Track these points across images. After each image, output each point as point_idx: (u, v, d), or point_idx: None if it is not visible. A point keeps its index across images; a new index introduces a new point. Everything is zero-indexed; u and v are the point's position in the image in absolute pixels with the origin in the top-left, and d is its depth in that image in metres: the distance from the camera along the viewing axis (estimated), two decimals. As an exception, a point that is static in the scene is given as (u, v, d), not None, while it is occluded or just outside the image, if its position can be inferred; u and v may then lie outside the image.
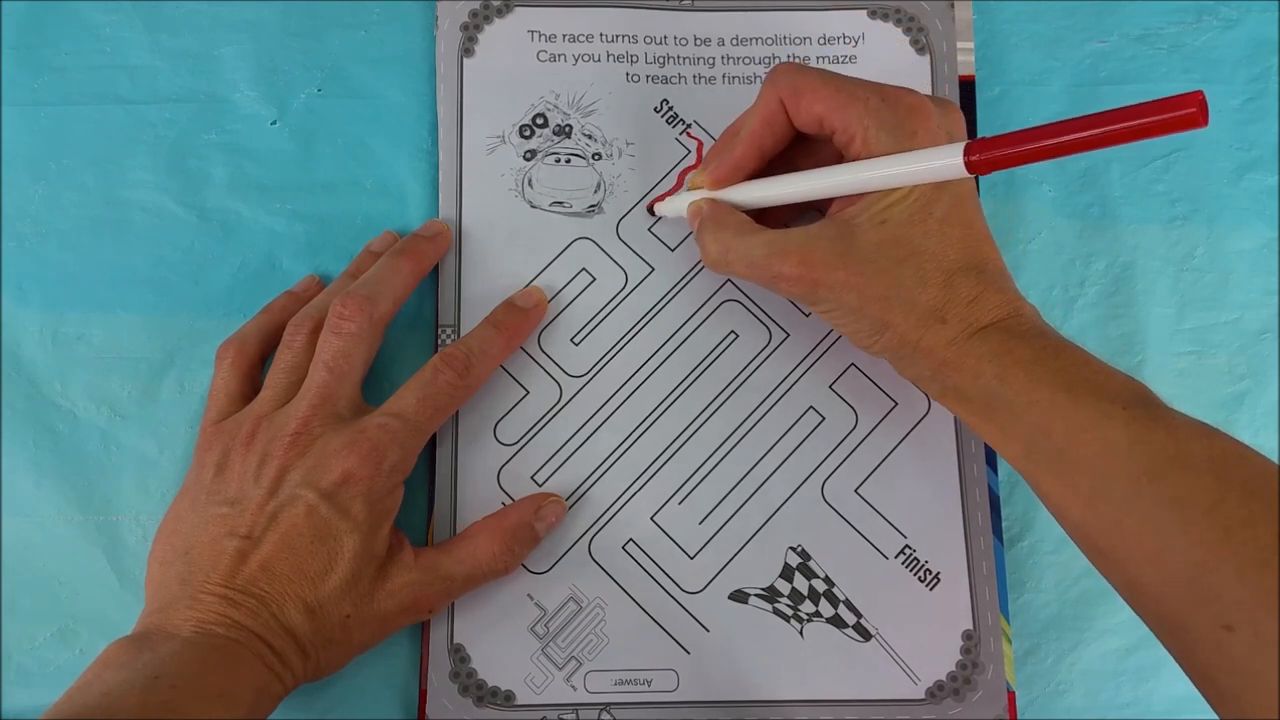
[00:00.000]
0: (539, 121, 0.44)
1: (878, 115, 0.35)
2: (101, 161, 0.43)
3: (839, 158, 0.37)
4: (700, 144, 0.44)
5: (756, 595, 0.41)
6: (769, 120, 0.38)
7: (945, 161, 0.33)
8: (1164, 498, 0.31)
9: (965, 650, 0.41)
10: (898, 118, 0.35)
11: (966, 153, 0.33)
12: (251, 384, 0.40)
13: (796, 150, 0.39)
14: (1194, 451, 0.31)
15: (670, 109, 0.44)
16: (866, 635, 0.41)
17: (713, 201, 0.39)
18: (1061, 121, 0.31)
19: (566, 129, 0.44)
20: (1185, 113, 0.28)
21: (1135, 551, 0.31)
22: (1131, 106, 0.29)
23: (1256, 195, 0.45)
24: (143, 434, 0.42)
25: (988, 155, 0.32)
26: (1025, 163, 0.32)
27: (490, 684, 0.40)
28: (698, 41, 0.45)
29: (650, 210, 0.43)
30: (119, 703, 0.31)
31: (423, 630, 0.40)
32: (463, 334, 0.42)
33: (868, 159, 0.35)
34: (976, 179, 0.37)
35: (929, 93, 0.44)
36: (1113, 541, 0.32)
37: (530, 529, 0.39)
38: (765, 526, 0.41)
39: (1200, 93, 0.28)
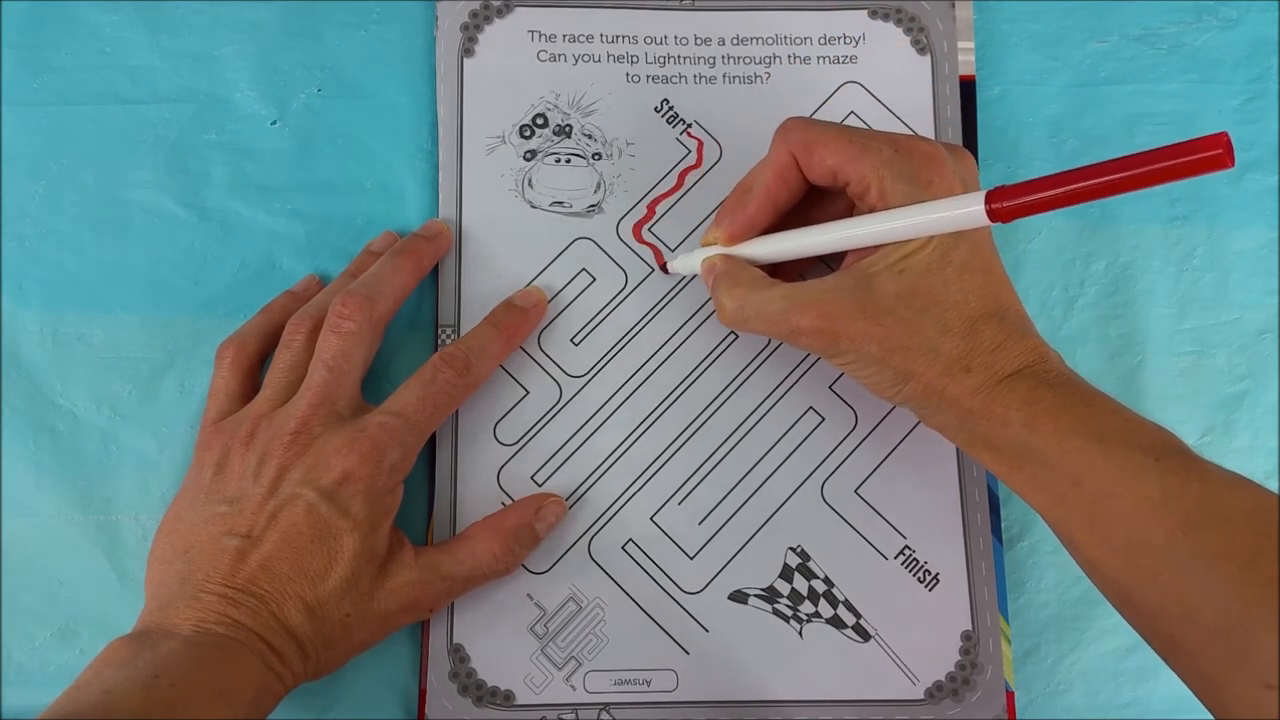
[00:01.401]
0: (539, 121, 0.44)
1: (892, 165, 0.35)
2: (101, 161, 0.43)
3: (851, 209, 0.37)
4: (700, 143, 0.44)
5: (756, 595, 0.41)
6: (782, 174, 0.37)
7: (966, 210, 0.33)
8: (1201, 551, 0.30)
9: (964, 651, 0.41)
10: (913, 167, 0.35)
11: (988, 200, 0.32)
12: (251, 383, 0.40)
13: (809, 203, 0.39)
14: (1230, 504, 0.30)
15: (670, 109, 0.44)
16: (866, 636, 0.41)
17: (726, 257, 0.39)
18: (1084, 167, 0.30)
19: (566, 129, 0.44)
20: (1211, 154, 0.28)
21: (1171, 607, 0.31)
22: (1155, 150, 0.29)
23: (1256, 195, 0.45)
24: (143, 434, 0.42)
25: (1010, 204, 0.32)
26: (1047, 210, 0.31)
27: (490, 684, 0.40)
28: (698, 41, 0.45)
29: (663, 268, 0.43)
30: (119, 701, 0.31)
31: (422, 630, 0.40)
32: (463, 334, 0.42)
33: (884, 210, 0.35)
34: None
35: (929, 92, 0.44)
36: (1147, 595, 0.31)
37: (530, 529, 0.40)
38: (765, 527, 0.41)
39: (1225, 134, 0.27)
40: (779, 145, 0.37)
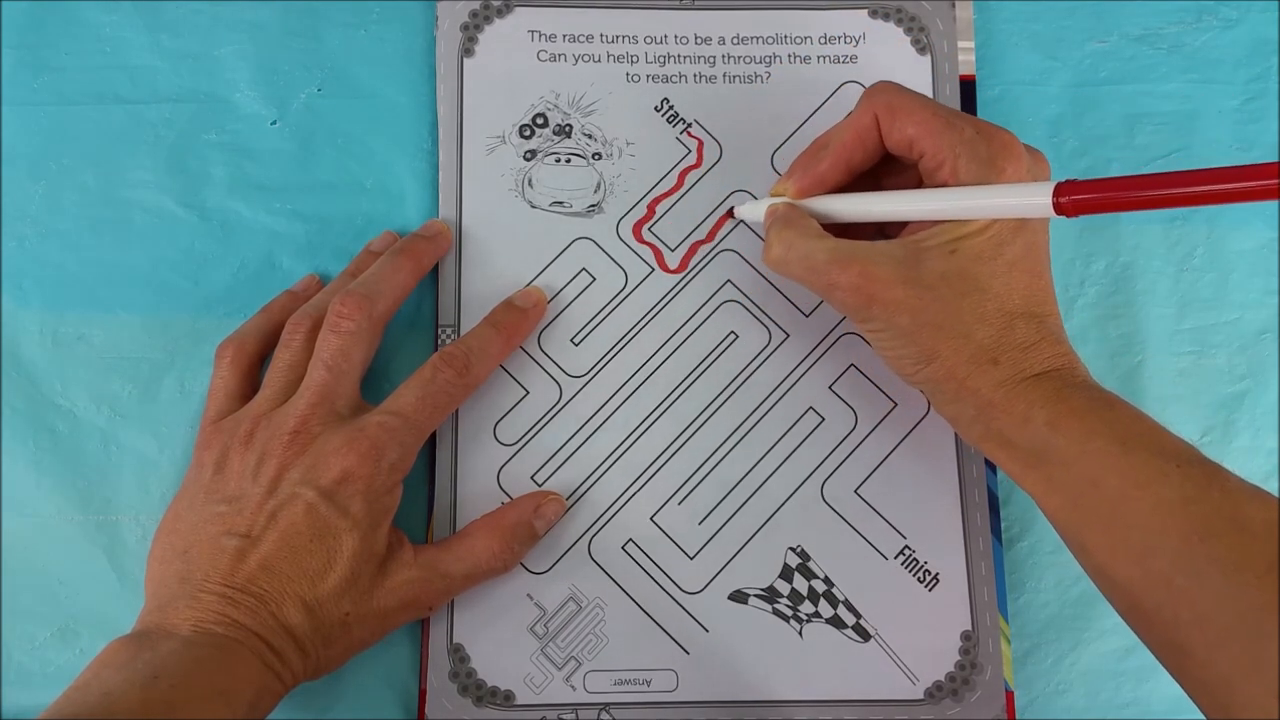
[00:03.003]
0: (539, 121, 0.44)
1: (971, 146, 0.35)
2: (101, 161, 0.43)
3: (918, 184, 0.37)
4: (701, 143, 0.44)
5: (756, 595, 0.41)
6: (861, 136, 0.37)
7: (1033, 199, 0.33)
8: (1218, 558, 0.30)
9: (964, 651, 0.41)
10: (990, 152, 0.34)
11: (1056, 193, 0.32)
12: (251, 383, 0.40)
13: (879, 173, 0.39)
14: (1249, 514, 0.30)
15: (671, 108, 0.44)
16: (866, 636, 0.41)
17: (790, 205, 0.39)
18: (1156, 175, 0.30)
19: (566, 129, 0.44)
20: None
21: (1183, 612, 0.30)
22: (1232, 168, 0.29)
23: (1257, 195, 0.45)
24: (143, 434, 0.42)
25: (1078, 198, 0.32)
26: (1113, 210, 0.31)
27: (490, 684, 0.40)
28: (698, 40, 0.45)
29: (730, 214, 0.43)
30: (118, 702, 0.31)
31: (422, 630, 0.40)
32: (462, 334, 0.42)
33: (954, 187, 0.35)
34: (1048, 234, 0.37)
35: (930, 93, 0.44)
36: (1159, 600, 0.31)
37: (529, 527, 0.40)
38: (765, 527, 0.41)
39: None
40: (864, 106, 0.37)
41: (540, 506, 0.40)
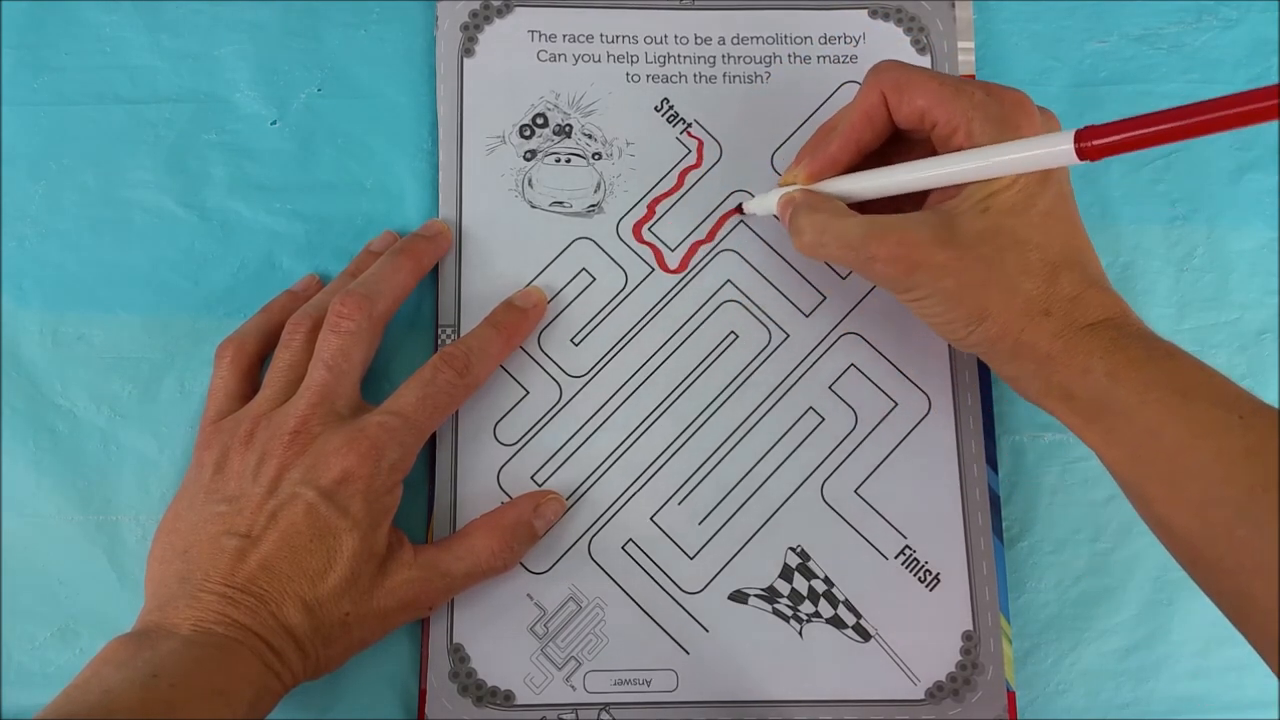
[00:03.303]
0: (539, 121, 0.44)
1: (983, 108, 0.35)
2: (101, 161, 0.43)
3: (933, 154, 0.37)
4: (701, 143, 0.44)
5: (756, 595, 0.41)
6: (869, 114, 0.37)
7: (1056, 149, 0.33)
8: None
9: (965, 651, 0.41)
10: (1003, 111, 0.35)
11: (1076, 139, 0.32)
12: (251, 383, 0.40)
13: (887, 152, 0.39)
14: None
15: (671, 108, 0.44)
16: (866, 636, 0.41)
17: (806, 190, 0.38)
18: (1172, 109, 0.30)
19: (566, 129, 0.44)
20: None
21: (1246, 562, 0.30)
22: (1238, 95, 0.29)
23: (1256, 195, 0.45)
24: (143, 434, 0.42)
25: (1099, 142, 0.32)
26: (1136, 148, 0.31)
27: (490, 684, 0.40)
28: (698, 40, 0.45)
29: (739, 210, 0.43)
30: (118, 701, 0.31)
31: (422, 630, 0.40)
32: (462, 334, 0.42)
33: (975, 149, 0.35)
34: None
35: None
36: (1221, 551, 0.31)
37: (529, 526, 0.40)
38: (765, 527, 0.41)
39: None
40: (869, 84, 0.37)
41: (540, 506, 0.40)
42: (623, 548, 0.41)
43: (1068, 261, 0.34)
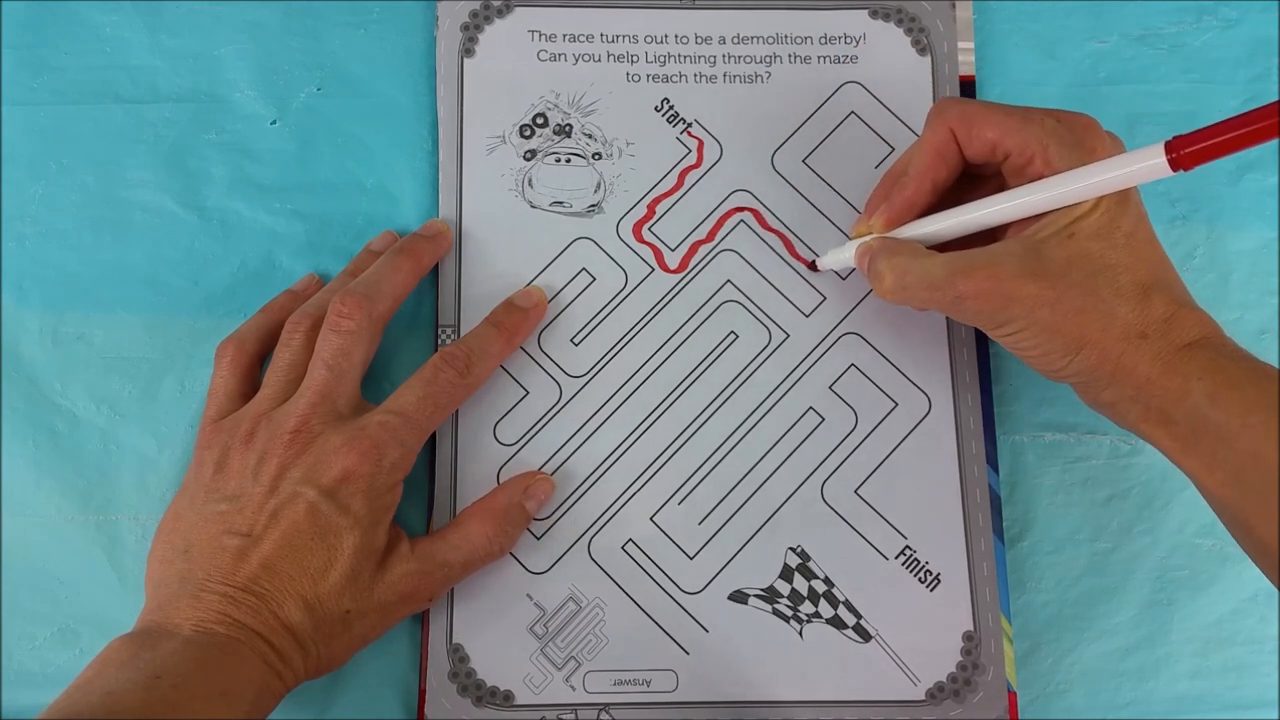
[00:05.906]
0: (539, 121, 0.44)
1: (1056, 134, 0.34)
2: (101, 161, 0.43)
3: (1002, 188, 0.36)
4: (701, 143, 0.44)
5: (756, 596, 0.41)
6: (941, 152, 0.37)
7: (1148, 162, 0.32)
8: None
9: (966, 651, 0.41)
10: (1076, 135, 0.34)
11: (1168, 150, 0.32)
12: (251, 382, 0.40)
13: (957, 188, 0.38)
14: None
15: (671, 108, 0.44)
16: (866, 636, 0.41)
17: (882, 236, 0.38)
18: (1262, 107, 0.30)
19: (567, 129, 0.44)
20: None
21: None
22: None
23: (1256, 195, 0.45)
24: (143, 434, 0.42)
25: (1193, 149, 0.31)
26: (1230, 152, 0.31)
27: (489, 684, 0.40)
28: (698, 40, 0.45)
29: (812, 266, 0.43)
30: (121, 702, 0.31)
31: (422, 630, 0.40)
32: (463, 334, 0.42)
33: (1059, 174, 0.34)
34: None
35: (929, 92, 0.44)
36: None
37: (521, 508, 0.40)
38: (765, 527, 0.41)
39: None
40: (935, 124, 0.37)
41: (529, 487, 0.40)
42: (623, 548, 0.41)
43: (1156, 282, 0.34)
